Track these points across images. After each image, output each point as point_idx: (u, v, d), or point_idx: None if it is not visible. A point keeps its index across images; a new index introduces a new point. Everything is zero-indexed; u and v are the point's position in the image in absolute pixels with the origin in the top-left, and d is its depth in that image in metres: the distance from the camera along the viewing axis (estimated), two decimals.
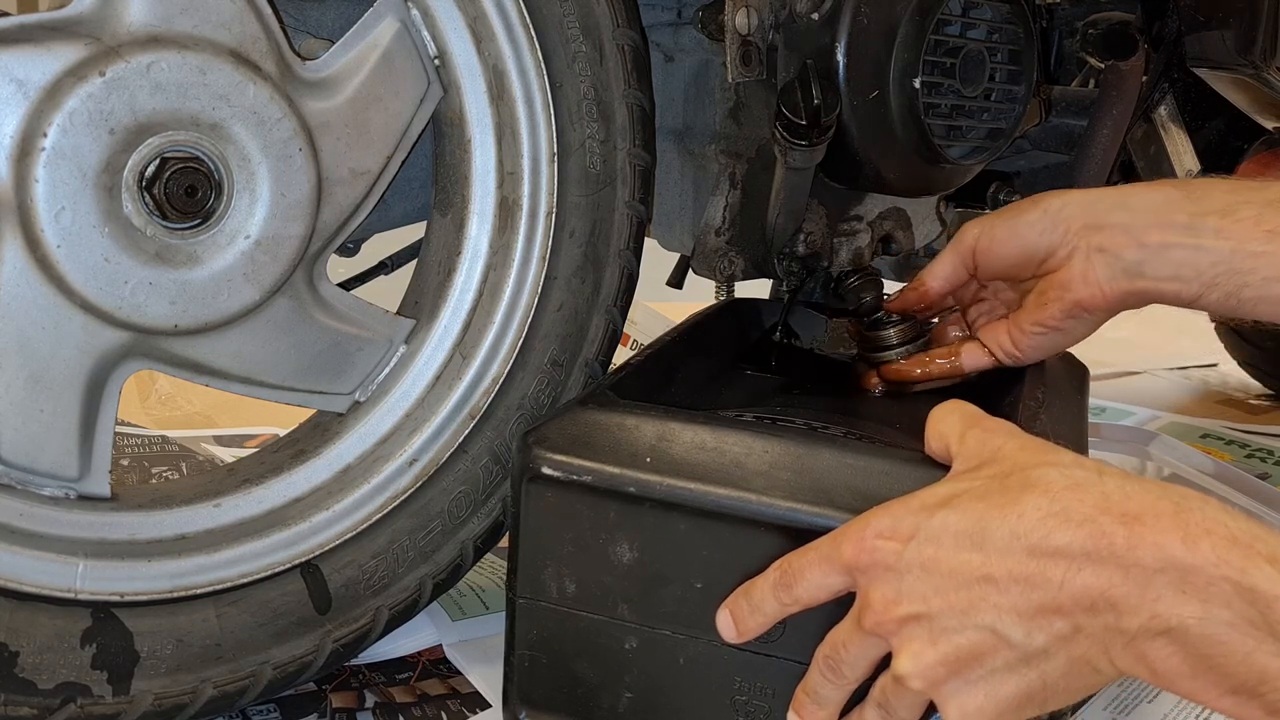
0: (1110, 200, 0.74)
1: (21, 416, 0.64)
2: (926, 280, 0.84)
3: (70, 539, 0.66)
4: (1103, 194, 0.75)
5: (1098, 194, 0.76)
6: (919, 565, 0.53)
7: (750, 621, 0.60)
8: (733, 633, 0.61)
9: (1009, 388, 0.81)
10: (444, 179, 0.81)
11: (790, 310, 0.95)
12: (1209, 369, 2.05)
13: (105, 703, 0.66)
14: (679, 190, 1.02)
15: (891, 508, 0.56)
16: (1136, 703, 0.85)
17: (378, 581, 0.78)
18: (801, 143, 0.82)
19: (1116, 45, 1.03)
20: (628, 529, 0.65)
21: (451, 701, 0.80)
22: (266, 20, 0.67)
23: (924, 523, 0.54)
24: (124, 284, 0.64)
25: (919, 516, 0.54)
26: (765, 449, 0.65)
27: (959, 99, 0.93)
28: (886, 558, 0.54)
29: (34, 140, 0.60)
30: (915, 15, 0.89)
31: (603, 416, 0.69)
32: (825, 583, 0.57)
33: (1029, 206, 0.77)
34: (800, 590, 0.58)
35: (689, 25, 0.95)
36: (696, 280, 1.03)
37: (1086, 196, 0.76)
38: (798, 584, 0.58)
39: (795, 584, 0.58)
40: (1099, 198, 0.75)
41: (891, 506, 0.56)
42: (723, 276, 0.96)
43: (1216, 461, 1.40)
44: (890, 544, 0.54)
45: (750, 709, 0.65)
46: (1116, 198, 0.74)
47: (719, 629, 0.61)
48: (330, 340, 0.75)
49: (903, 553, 0.53)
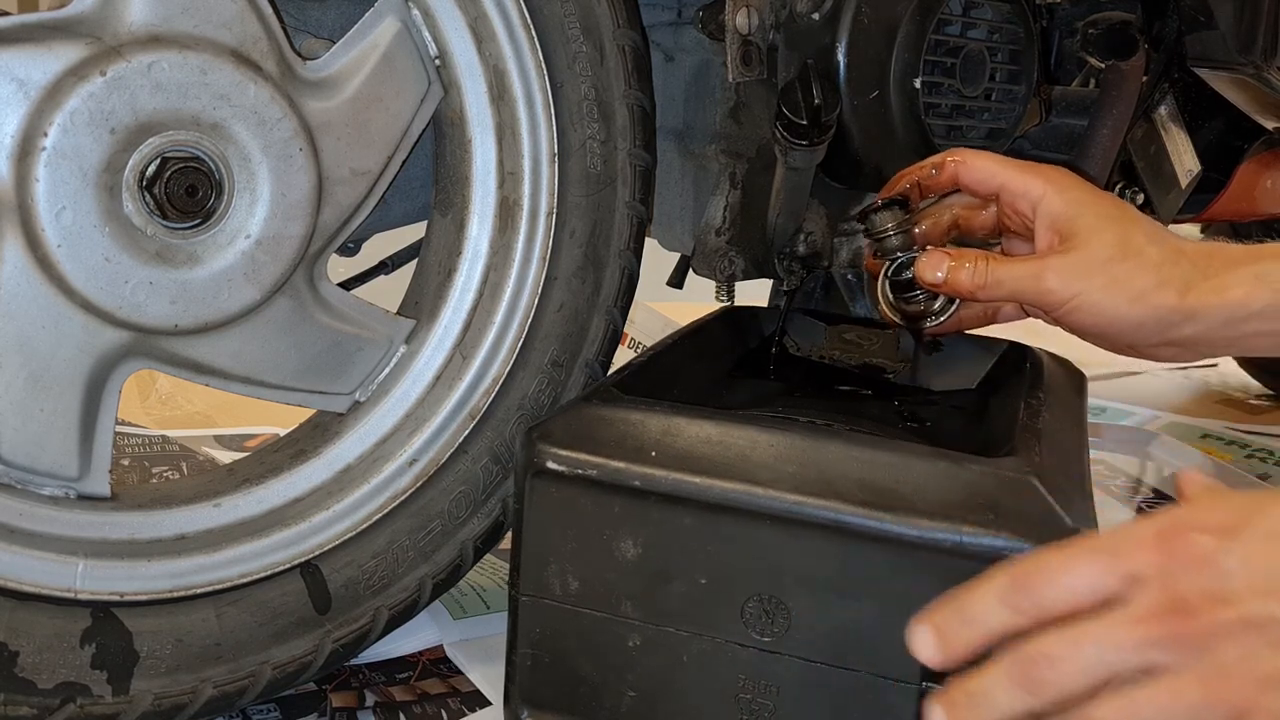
0: (1213, 317, 0.69)
1: (21, 416, 0.64)
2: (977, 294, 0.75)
3: (70, 539, 0.66)
4: (1203, 306, 0.69)
5: (1195, 306, 0.69)
6: (1260, 558, 0.44)
7: (962, 635, 0.50)
8: (934, 652, 0.50)
9: (1009, 391, 0.81)
10: (444, 179, 0.81)
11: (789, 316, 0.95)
12: (1209, 369, 2.05)
13: (105, 702, 0.66)
14: (679, 190, 1.02)
15: (1190, 508, 0.48)
16: None
17: (377, 581, 0.78)
18: (802, 143, 0.82)
19: (1117, 45, 1.03)
20: (632, 524, 0.65)
21: (451, 700, 0.80)
22: (267, 20, 0.67)
23: (1253, 513, 0.46)
24: (124, 283, 0.64)
25: (1239, 512, 0.46)
26: (771, 442, 0.65)
27: (959, 99, 0.93)
28: (1205, 550, 0.45)
29: (35, 140, 0.60)
30: (916, 15, 0.89)
31: (607, 412, 0.69)
32: (1092, 585, 0.47)
33: (1126, 306, 0.70)
34: (1049, 593, 0.48)
35: (689, 25, 0.95)
36: (696, 280, 1.03)
37: (1183, 310, 0.69)
38: (1045, 587, 0.48)
39: (1041, 587, 0.48)
40: (1197, 312, 0.69)
41: (1188, 508, 0.48)
42: (723, 276, 0.96)
43: (1216, 462, 1.40)
44: (1207, 538, 0.45)
45: (755, 707, 0.64)
46: (1220, 312, 0.69)
47: (914, 648, 0.51)
48: (330, 340, 0.75)
49: (1231, 548, 0.45)
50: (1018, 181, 0.76)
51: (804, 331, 0.96)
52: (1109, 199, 0.75)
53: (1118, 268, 0.70)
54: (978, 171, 0.78)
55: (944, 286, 0.76)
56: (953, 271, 0.75)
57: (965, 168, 0.79)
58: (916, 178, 0.82)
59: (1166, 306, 0.69)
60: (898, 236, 0.81)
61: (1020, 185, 0.76)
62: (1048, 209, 0.74)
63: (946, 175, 0.80)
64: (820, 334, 0.96)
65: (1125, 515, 1.23)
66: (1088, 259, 0.71)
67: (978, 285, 0.75)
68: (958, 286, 0.75)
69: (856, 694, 0.62)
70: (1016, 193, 0.76)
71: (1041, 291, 0.72)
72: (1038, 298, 0.73)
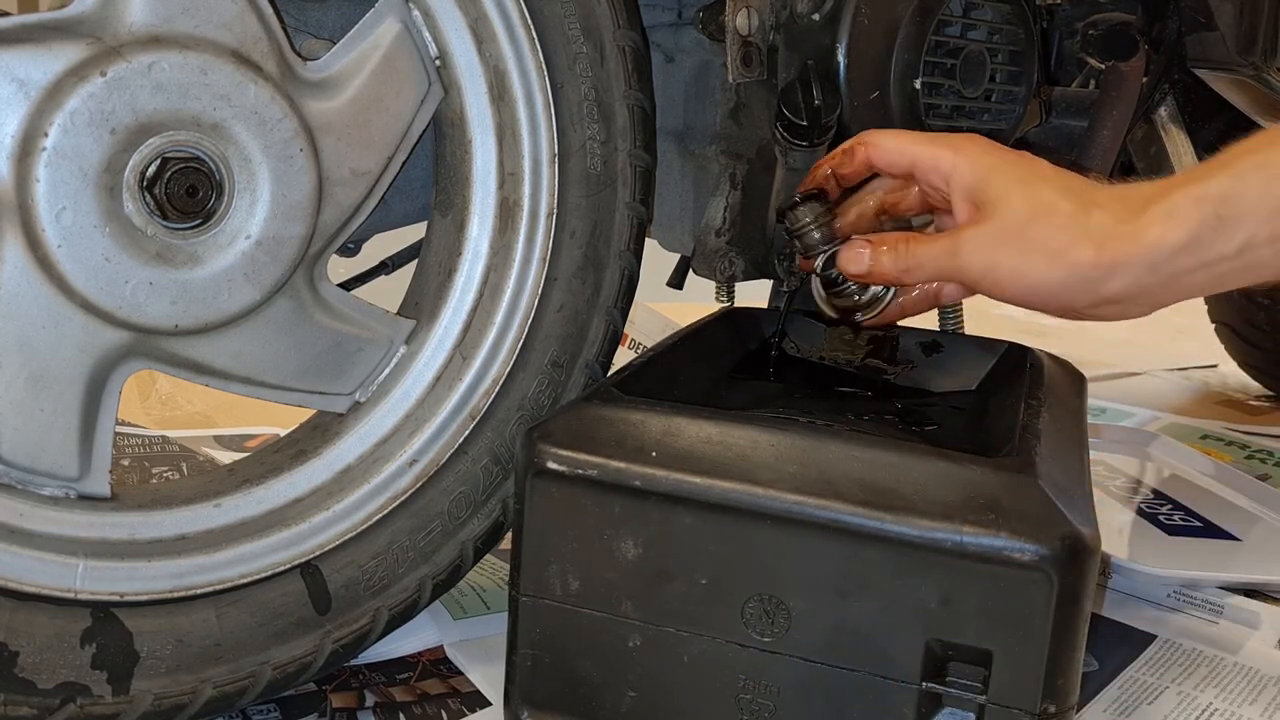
0: (1136, 265, 0.66)
1: (22, 416, 0.64)
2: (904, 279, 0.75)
3: (70, 539, 0.66)
4: (1123, 256, 0.66)
5: (1116, 256, 0.66)
6: None
7: None
8: None
9: (1009, 391, 0.81)
10: (445, 180, 0.81)
11: (788, 317, 0.95)
12: (1209, 370, 2.05)
13: (105, 702, 0.66)
14: (679, 191, 1.02)
15: None
16: (1137, 704, 0.85)
17: (377, 582, 0.78)
18: (802, 143, 0.82)
19: (1117, 46, 1.04)
20: (632, 524, 0.65)
21: (451, 700, 0.80)
22: (268, 20, 0.67)
23: None
24: (124, 284, 0.64)
25: None
26: (771, 442, 0.65)
27: (959, 100, 0.93)
28: None
29: (35, 140, 0.60)
30: (916, 16, 0.89)
31: (607, 412, 0.69)
32: None
33: (1044, 268, 0.68)
34: None
35: (689, 26, 0.95)
36: (697, 281, 1.03)
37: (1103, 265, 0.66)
38: None
39: None
40: (1119, 263, 0.66)
41: None
42: (723, 277, 0.96)
43: (1216, 462, 1.40)
44: None
45: (755, 707, 0.64)
46: (1142, 257, 0.66)
47: None
48: (331, 341, 0.75)
49: None
50: (927, 156, 0.74)
51: (804, 332, 0.96)
52: (1019, 158, 0.72)
53: (1031, 230, 0.68)
54: (887, 152, 0.77)
55: (871, 276, 0.76)
56: (874, 259, 0.75)
57: (875, 149, 0.77)
58: (829, 168, 0.80)
59: (1086, 263, 0.66)
60: (819, 230, 0.80)
61: (930, 160, 0.74)
62: (960, 180, 0.72)
63: (859, 160, 0.78)
64: (820, 335, 0.96)
65: (1125, 516, 1.23)
66: (1001, 227, 0.69)
67: (901, 270, 0.74)
68: (883, 274, 0.75)
69: (856, 694, 0.62)
70: (928, 168, 0.74)
71: (959, 268, 0.71)
72: (956, 274, 0.72)
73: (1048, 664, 0.59)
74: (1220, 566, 1.09)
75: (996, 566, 0.58)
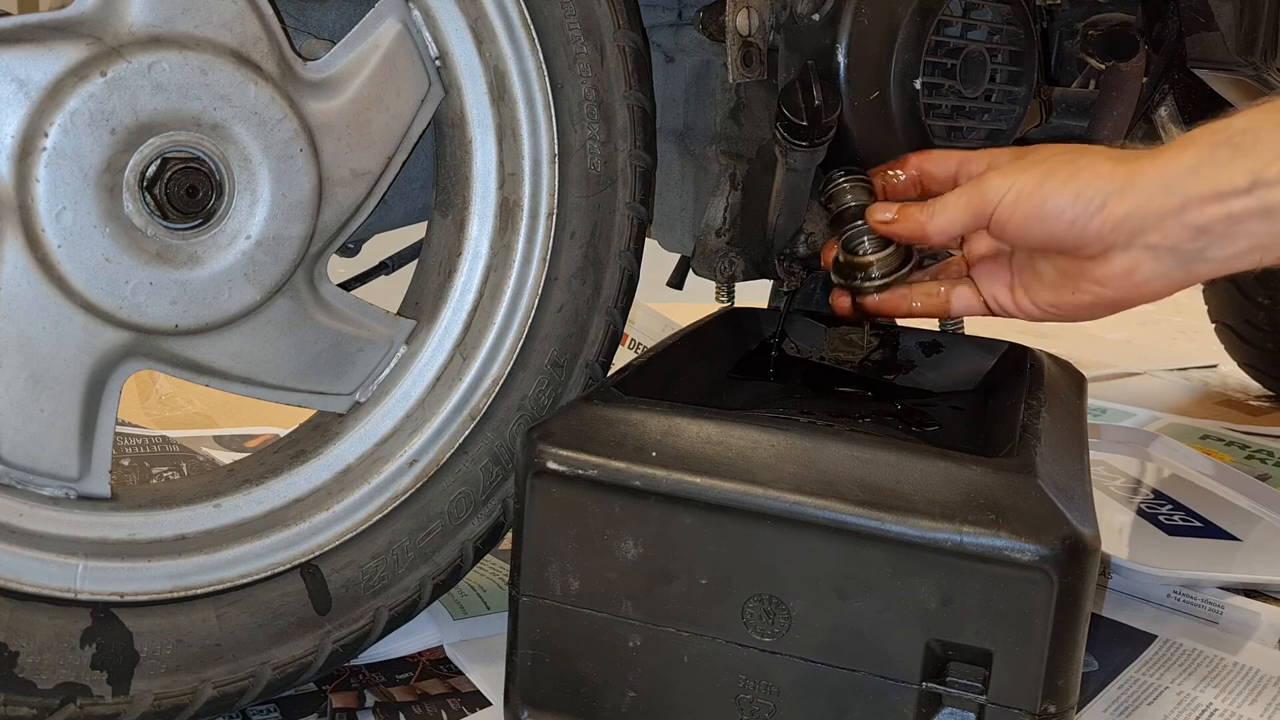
0: (1149, 183, 0.66)
1: (22, 416, 0.64)
2: (928, 227, 0.76)
3: (70, 539, 0.66)
4: (1138, 172, 0.67)
5: (1131, 172, 0.67)
6: None
7: None
8: None
9: (1009, 391, 0.81)
10: (445, 180, 0.81)
11: (789, 317, 0.95)
12: (1209, 370, 2.05)
13: (105, 703, 0.66)
14: (679, 191, 1.02)
15: None
16: (1137, 704, 0.85)
17: (378, 582, 0.78)
18: (802, 143, 0.82)
19: (1117, 46, 1.04)
20: (632, 524, 0.65)
21: (451, 700, 0.80)
22: (268, 21, 0.67)
23: None
24: (125, 284, 0.64)
25: None
26: (771, 442, 0.65)
27: (960, 100, 0.93)
28: None
29: (35, 140, 0.60)
30: (916, 16, 0.89)
31: (607, 412, 0.69)
32: None
33: (1060, 183, 0.69)
34: None
35: (690, 26, 0.95)
36: (697, 281, 1.03)
37: (1119, 177, 0.67)
38: None
39: None
40: (1133, 178, 0.67)
41: None
42: (723, 277, 0.96)
43: (1216, 463, 1.40)
44: None
45: (755, 707, 0.64)
46: (1155, 176, 0.66)
47: None
48: (331, 341, 0.75)
49: None
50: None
51: (804, 333, 0.96)
52: None
53: (1054, 157, 0.72)
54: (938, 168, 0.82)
55: (896, 224, 0.78)
56: (903, 209, 0.78)
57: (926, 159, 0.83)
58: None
59: (1104, 172, 0.68)
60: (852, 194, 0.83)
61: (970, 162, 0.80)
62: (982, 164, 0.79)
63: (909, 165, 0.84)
64: (820, 335, 0.96)
65: (1125, 516, 1.23)
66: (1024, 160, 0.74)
67: (927, 215, 0.76)
68: (908, 220, 0.78)
69: (856, 694, 0.62)
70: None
71: (984, 193, 0.73)
72: (979, 202, 0.73)
73: (1048, 664, 0.59)
74: (1220, 566, 1.09)
75: (997, 566, 0.59)
